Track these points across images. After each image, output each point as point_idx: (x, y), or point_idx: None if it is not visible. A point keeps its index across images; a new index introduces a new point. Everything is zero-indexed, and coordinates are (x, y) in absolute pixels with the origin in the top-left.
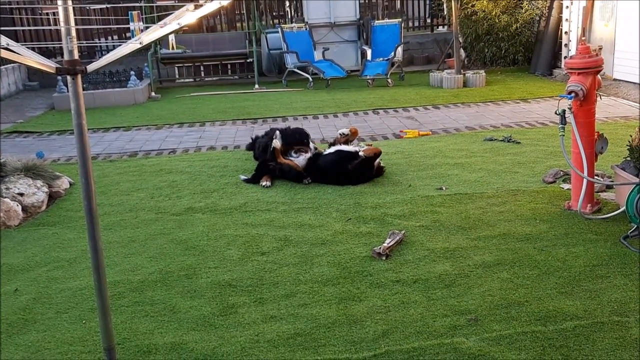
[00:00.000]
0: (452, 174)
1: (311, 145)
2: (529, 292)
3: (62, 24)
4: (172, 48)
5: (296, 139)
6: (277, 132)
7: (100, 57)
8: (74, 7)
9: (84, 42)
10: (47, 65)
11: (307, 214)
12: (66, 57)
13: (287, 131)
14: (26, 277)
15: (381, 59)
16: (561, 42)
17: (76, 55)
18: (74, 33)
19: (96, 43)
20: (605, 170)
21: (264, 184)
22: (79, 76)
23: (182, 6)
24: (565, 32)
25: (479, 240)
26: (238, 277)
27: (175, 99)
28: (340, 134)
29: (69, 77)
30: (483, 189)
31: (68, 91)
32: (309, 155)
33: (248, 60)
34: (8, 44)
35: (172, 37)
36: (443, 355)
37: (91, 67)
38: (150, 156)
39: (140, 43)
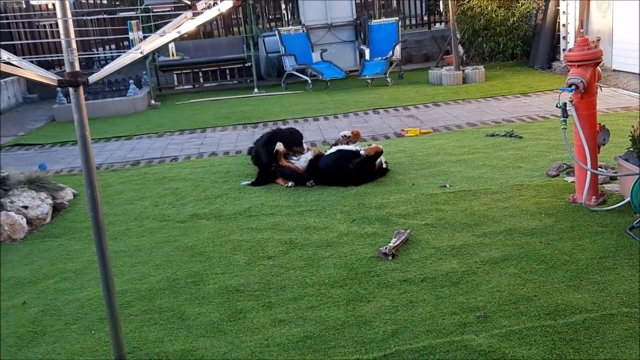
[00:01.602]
0: (455, 171)
1: (304, 146)
2: (537, 286)
3: (62, 36)
4: (172, 55)
5: (293, 140)
6: (279, 143)
7: (98, 67)
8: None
9: (84, 53)
10: (48, 78)
11: (312, 216)
12: (67, 69)
13: (283, 132)
14: (34, 289)
15: (379, 58)
16: (559, 34)
17: (77, 67)
18: (74, 45)
19: (96, 54)
20: (608, 161)
21: (288, 185)
22: (81, 88)
23: (180, 14)
24: (563, 25)
25: (485, 236)
26: (245, 282)
27: (175, 106)
28: (342, 136)
29: (70, 89)
30: (487, 185)
31: (67, 102)
32: (309, 157)
33: (246, 65)
34: (9, 58)
35: (172, 45)
36: (453, 353)
37: (93, 78)
38: (153, 164)
39: (141, 52)
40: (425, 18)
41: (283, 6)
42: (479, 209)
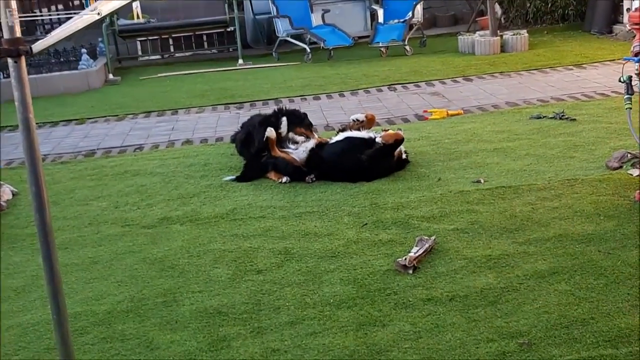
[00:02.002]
0: (491, 163)
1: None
2: (595, 306)
3: None
4: (137, 17)
5: (301, 121)
6: (284, 118)
7: (42, 33)
8: None
9: (24, 15)
10: None
11: (312, 220)
12: (6, 35)
13: (288, 111)
14: None
15: (396, 21)
16: None
17: (19, 33)
18: (14, 5)
19: (39, 16)
20: None
21: (282, 180)
22: (23, 59)
23: None
24: None
25: (529, 244)
26: (229, 302)
27: (140, 82)
28: (353, 120)
29: (9, 60)
30: (531, 180)
31: (4, 78)
32: (310, 145)
33: (228, 30)
34: None
35: (136, 4)
36: None
37: (37, 47)
38: (112, 155)
39: (98, 14)
40: None
41: None
42: (521, 210)
